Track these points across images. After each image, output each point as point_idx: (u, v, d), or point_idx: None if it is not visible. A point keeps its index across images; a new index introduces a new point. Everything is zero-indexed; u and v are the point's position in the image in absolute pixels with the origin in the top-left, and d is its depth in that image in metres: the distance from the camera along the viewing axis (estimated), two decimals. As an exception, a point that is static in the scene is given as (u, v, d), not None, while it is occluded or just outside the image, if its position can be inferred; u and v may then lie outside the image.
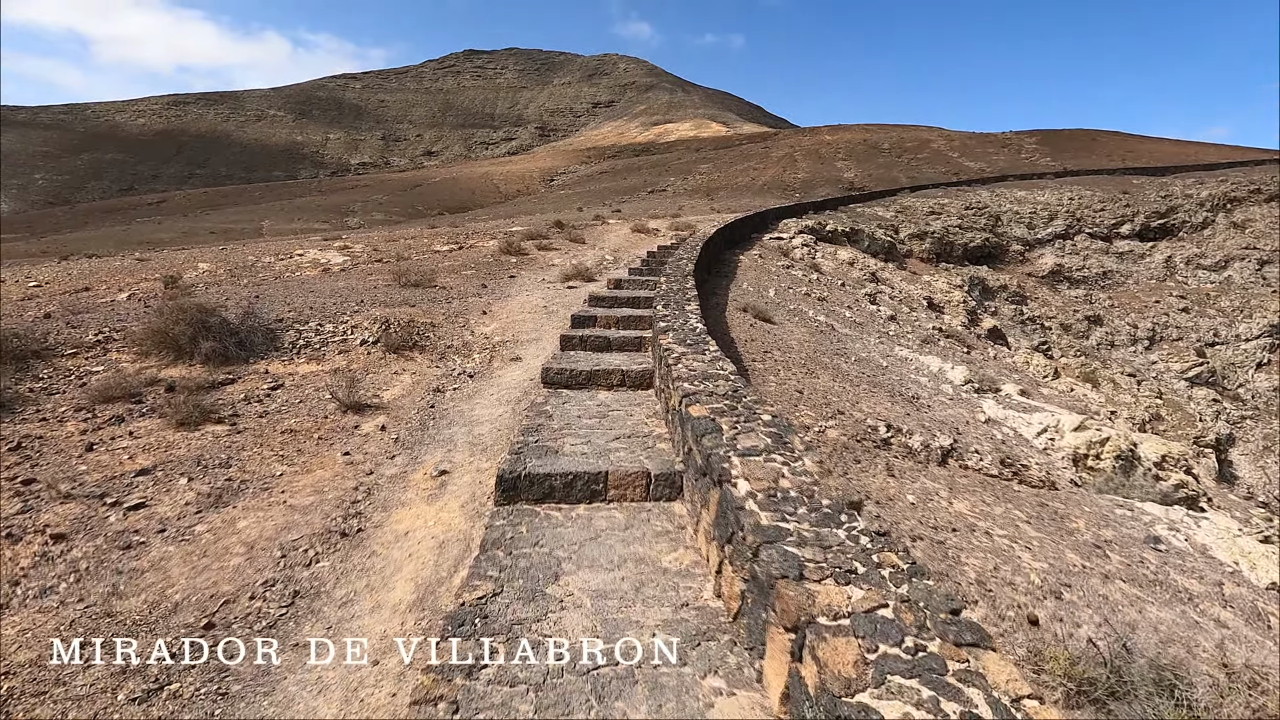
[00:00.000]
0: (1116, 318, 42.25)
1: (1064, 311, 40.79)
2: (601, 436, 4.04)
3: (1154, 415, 29.02)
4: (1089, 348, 38.63)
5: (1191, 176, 55.39)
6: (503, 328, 7.56)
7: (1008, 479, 6.00)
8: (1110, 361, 36.84)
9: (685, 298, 6.86)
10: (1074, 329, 40.07)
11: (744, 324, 9.31)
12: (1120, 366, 35.82)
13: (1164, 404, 32.59)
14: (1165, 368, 39.40)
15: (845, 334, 10.68)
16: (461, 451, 4.21)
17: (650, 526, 3.05)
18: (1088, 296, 44.63)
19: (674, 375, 3.89)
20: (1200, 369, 38.24)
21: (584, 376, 5.40)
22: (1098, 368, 33.96)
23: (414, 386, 5.70)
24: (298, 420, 4.79)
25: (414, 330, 6.98)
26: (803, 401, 6.35)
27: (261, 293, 9.54)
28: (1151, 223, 50.64)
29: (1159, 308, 43.60)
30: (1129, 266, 47.88)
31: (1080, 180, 55.50)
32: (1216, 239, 49.61)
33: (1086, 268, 46.53)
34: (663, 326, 5.40)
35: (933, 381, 8.55)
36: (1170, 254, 48.48)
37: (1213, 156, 67.39)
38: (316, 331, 6.65)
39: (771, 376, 6.92)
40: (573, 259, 14.31)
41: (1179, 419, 30.54)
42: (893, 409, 6.89)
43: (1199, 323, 42.53)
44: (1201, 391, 36.30)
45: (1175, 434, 26.34)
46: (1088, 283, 45.91)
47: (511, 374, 6.07)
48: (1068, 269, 45.87)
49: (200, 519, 3.34)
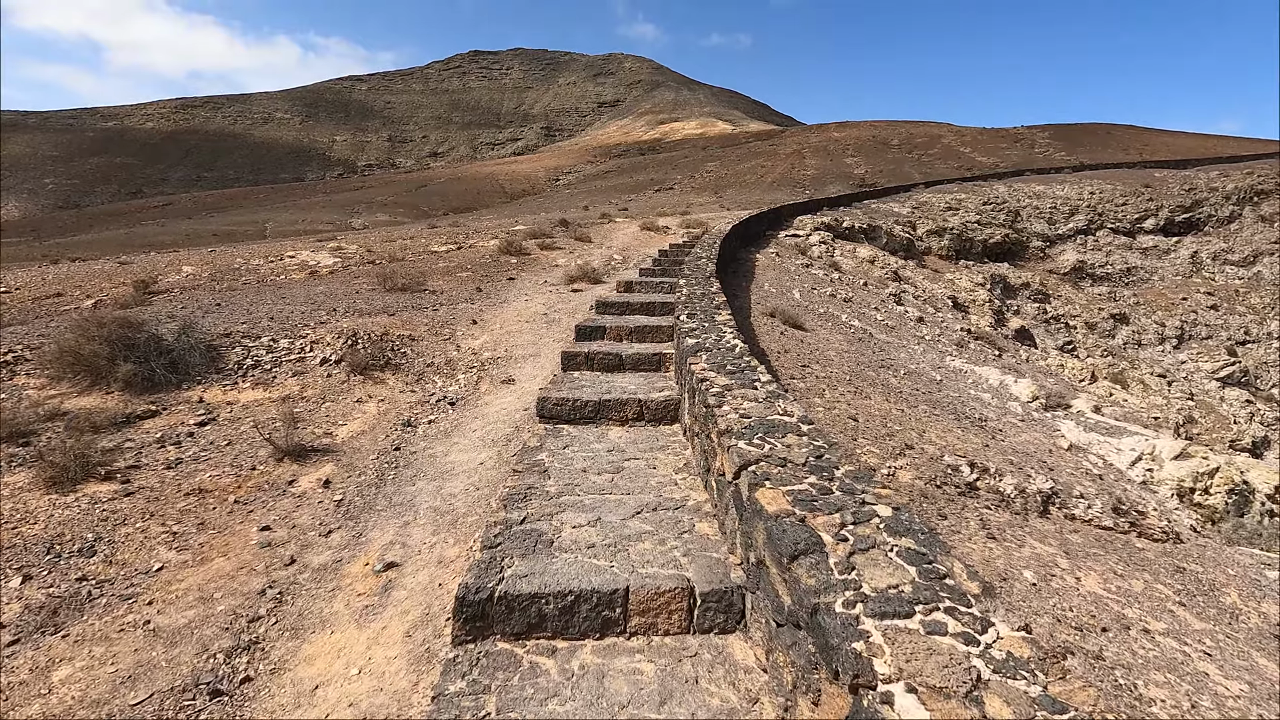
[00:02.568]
0: (1143, 316, 40.82)
1: (1088, 310, 39.38)
2: (616, 508, 2.86)
3: (1187, 418, 27.75)
4: (1116, 347, 37.22)
5: (1215, 169, 53.81)
6: (495, 340, 6.39)
7: (1124, 531, 4.79)
8: (1139, 362, 35.37)
9: (713, 304, 5.66)
10: (1099, 328, 38.66)
11: (773, 331, 8.10)
12: (1149, 367, 34.42)
13: (1196, 406, 31.34)
14: (1195, 367, 38.00)
15: (885, 341, 9.44)
16: (422, 526, 3.04)
17: (702, 695, 1.87)
18: (1112, 294, 43.23)
19: (719, 423, 2.70)
20: (1232, 369, 36.80)
21: (591, 408, 4.22)
22: (1126, 368, 32.66)
23: (378, 419, 4.54)
24: (216, 473, 3.63)
25: (388, 345, 5.82)
26: (860, 431, 5.15)
27: (226, 300, 8.44)
28: (1176, 217, 49.14)
29: (1186, 305, 42.12)
30: (1153, 262, 46.40)
31: (1099, 174, 53.97)
32: (1244, 233, 48.06)
33: (1110, 264, 45.07)
34: (692, 344, 4.20)
35: (997, 398, 7.32)
36: (1196, 249, 46.99)
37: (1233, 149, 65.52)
38: (269, 348, 5.49)
39: (816, 398, 5.72)
40: (578, 259, 13.13)
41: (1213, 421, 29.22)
42: (965, 438, 5.68)
43: (1229, 320, 41.04)
44: (1234, 392, 34.84)
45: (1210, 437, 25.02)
46: (1111, 280, 44.46)
47: (501, 401, 4.90)
48: (1090, 265, 44.46)
49: (8, 661, 2.18)
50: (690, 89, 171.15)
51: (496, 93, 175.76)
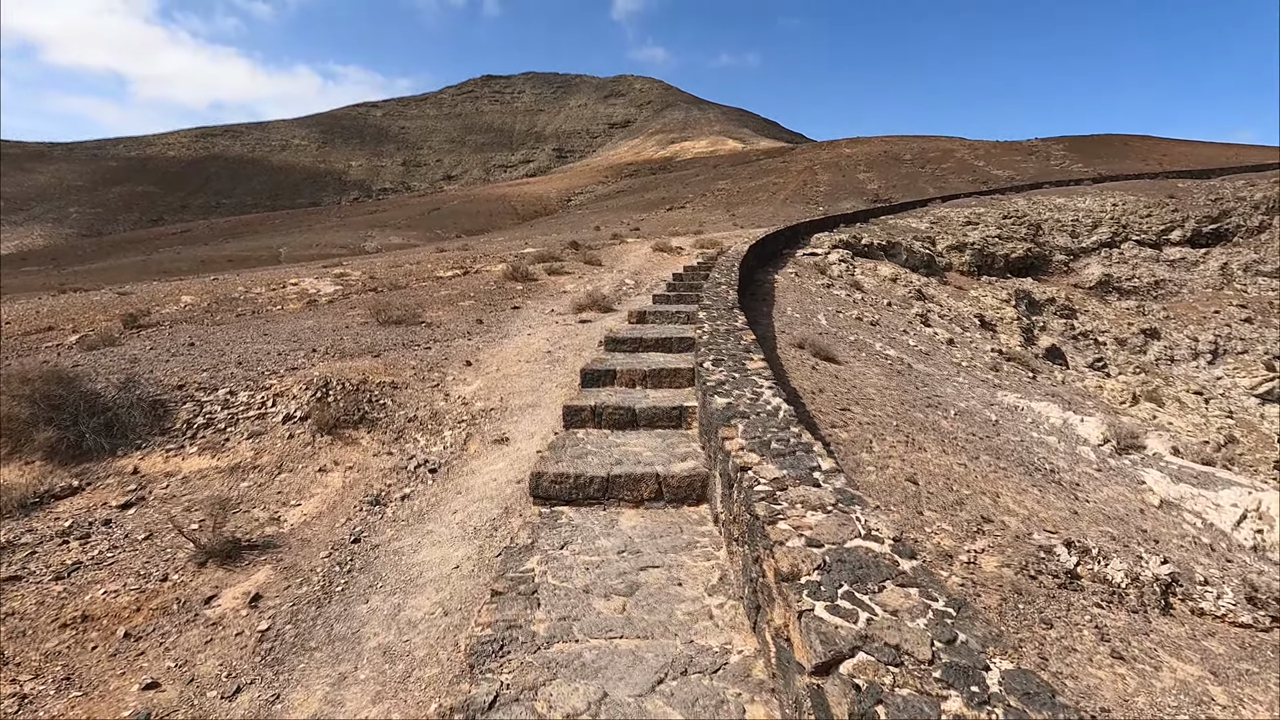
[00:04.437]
0: (1174, 330, 39.36)
1: (1117, 325, 38.04)
2: (629, 670, 2.00)
3: (1228, 437, 26.38)
4: (1148, 363, 35.78)
5: (1241, 178, 52.42)
6: (490, 387, 5.58)
7: (1265, 629, 3.82)
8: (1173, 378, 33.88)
9: (740, 344, 4.81)
10: (1130, 343, 37.28)
11: (804, 366, 7.23)
12: (1184, 383, 32.96)
13: (1236, 424, 29.88)
14: (1232, 384, 36.48)
15: (925, 373, 8.52)
16: (363, 683, 2.20)
17: None
18: (1140, 308, 41.85)
19: (776, 558, 1.84)
20: (1271, 384, 35.23)
21: (597, 486, 3.37)
22: (1160, 385, 31.28)
23: (341, 496, 3.73)
24: (115, 587, 2.83)
25: (365, 396, 5.03)
26: (923, 499, 4.25)
27: (205, 337, 7.76)
28: (1203, 228, 47.82)
29: (1219, 319, 40.61)
30: (1182, 275, 45.02)
31: (1120, 185, 52.83)
32: (1275, 243, 46.66)
33: (1137, 277, 43.77)
34: (722, 406, 3.34)
35: (1064, 442, 6.36)
36: (1226, 260, 45.58)
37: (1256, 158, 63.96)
38: (226, 403, 4.73)
39: (864, 453, 4.83)
40: (587, 284, 12.39)
41: (1255, 440, 27.77)
42: (1045, 500, 4.75)
43: (1264, 334, 39.47)
44: (1274, 409, 33.26)
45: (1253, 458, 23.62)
46: (1139, 293, 43.13)
47: (492, 468, 4.07)
48: (1116, 279, 43.18)
49: None
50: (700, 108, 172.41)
51: (508, 116, 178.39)
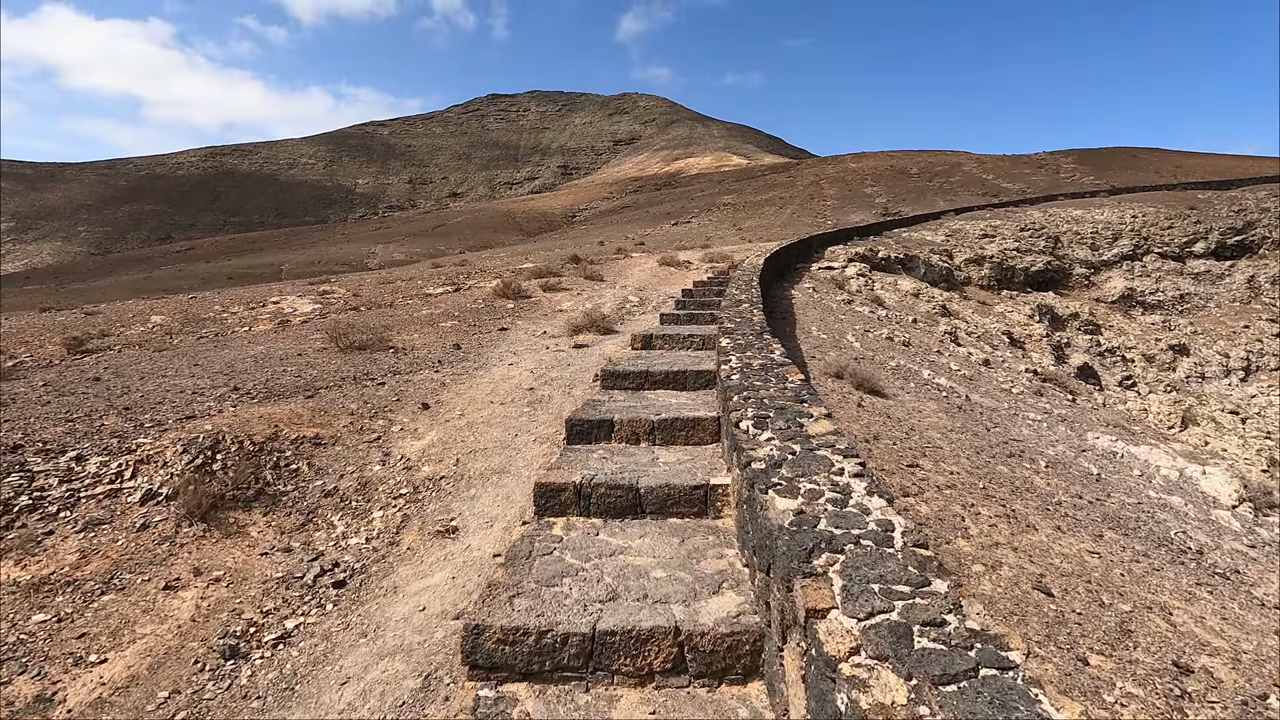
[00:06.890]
0: (1203, 346, 37.65)
1: (1144, 341, 36.38)
2: None
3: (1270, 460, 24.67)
4: (1178, 381, 34.01)
5: (1263, 189, 51.05)
6: (446, 441, 4.22)
7: None
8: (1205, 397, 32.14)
9: (787, 390, 3.43)
10: (1158, 360, 35.57)
11: (847, 402, 5.84)
12: (1218, 402, 31.29)
13: (1277, 445, 28.16)
14: (1268, 401, 34.63)
15: (987, 407, 7.10)
16: None
17: None
18: (1166, 323, 40.19)
19: None
20: (1309, 402, 33.39)
21: (576, 649, 1.99)
22: (1194, 404, 29.64)
23: (181, 641, 2.36)
24: None
25: (268, 460, 3.68)
26: (1072, 625, 2.86)
27: (123, 368, 6.48)
28: (1227, 240, 46.34)
29: (1249, 333, 38.93)
30: (1207, 288, 43.44)
31: (1137, 196, 51.49)
32: (1303, 256, 45.14)
33: (1161, 290, 42.20)
34: (791, 520, 1.96)
35: (1192, 505, 4.95)
36: (1253, 273, 44.00)
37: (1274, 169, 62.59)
38: (68, 473, 3.40)
39: (960, 540, 3.45)
40: (587, 302, 11.08)
41: (1299, 463, 25.91)
42: (1222, 608, 3.34)
43: (1298, 349, 37.69)
44: (1314, 429, 31.37)
45: (1299, 482, 21.78)
46: (1164, 307, 41.52)
47: (424, 584, 2.69)
48: (1140, 293, 41.65)
49: None
50: (704, 124, 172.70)
51: (514, 133, 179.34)
